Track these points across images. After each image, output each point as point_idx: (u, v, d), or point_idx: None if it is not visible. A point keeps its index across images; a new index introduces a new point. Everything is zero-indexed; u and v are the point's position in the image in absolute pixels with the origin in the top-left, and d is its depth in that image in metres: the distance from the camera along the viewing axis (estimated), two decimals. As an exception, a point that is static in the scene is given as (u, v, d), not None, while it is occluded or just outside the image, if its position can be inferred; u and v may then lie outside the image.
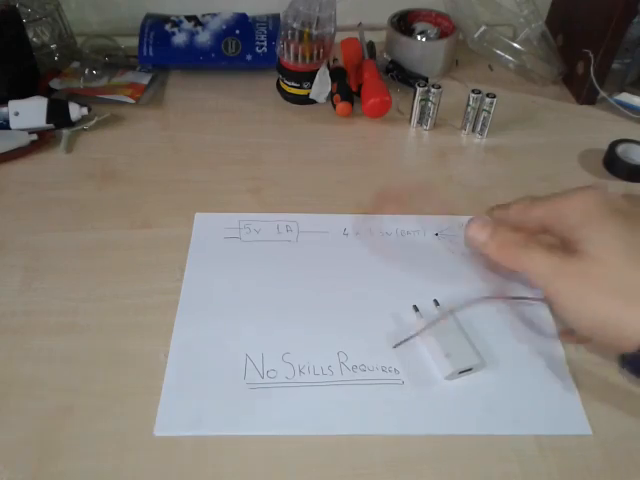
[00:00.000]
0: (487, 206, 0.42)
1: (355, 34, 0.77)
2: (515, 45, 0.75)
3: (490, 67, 0.82)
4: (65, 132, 0.66)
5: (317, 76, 0.71)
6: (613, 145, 0.66)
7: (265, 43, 0.76)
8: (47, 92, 0.70)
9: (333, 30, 0.69)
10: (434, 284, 0.52)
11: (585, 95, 0.75)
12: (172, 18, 0.77)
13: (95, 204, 0.59)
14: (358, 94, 0.72)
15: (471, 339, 0.46)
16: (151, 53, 0.75)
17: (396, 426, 0.42)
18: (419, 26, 0.79)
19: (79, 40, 0.79)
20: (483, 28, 0.74)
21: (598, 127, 0.72)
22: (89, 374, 0.45)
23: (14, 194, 0.60)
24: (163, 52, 0.75)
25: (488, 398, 0.44)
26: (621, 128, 0.71)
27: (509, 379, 0.45)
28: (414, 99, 0.68)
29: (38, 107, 0.65)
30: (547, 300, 0.39)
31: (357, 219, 0.58)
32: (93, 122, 0.67)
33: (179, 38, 0.75)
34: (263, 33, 0.76)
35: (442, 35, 0.78)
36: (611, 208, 0.37)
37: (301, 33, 0.68)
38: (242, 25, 0.76)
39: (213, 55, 0.75)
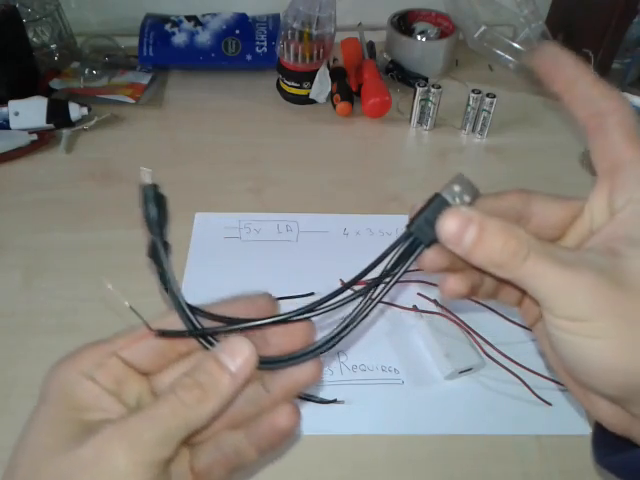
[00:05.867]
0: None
1: (355, 34, 0.77)
2: (515, 45, 0.75)
3: (490, 67, 0.82)
4: (65, 132, 0.66)
5: (317, 76, 0.71)
6: (613, 145, 0.66)
7: (265, 43, 0.76)
8: (47, 92, 0.70)
9: (333, 30, 0.69)
10: (434, 284, 0.52)
11: (585, 95, 0.74)
12: (172, 18, 0.77)
13: (95, 204, 0.59)
14: (358, 94, 0.72)
15: (470, 339, 0.46)
16: (151, 53, 0.75)
17: (396, 426, 0.42)
18: (419, 26, 0.79)
19: (79, 40, 0.79)
20: (483, 28, 0.74)
21: (598, 127, 0.72)
22: (89, 374, 0.45)
23: (14, 194, 0.60)
24: (163, 52, 0.75)
25: (488, 398, 0.44)
26: (621, 128, 0.71)
27: (509, 379, 0.45)
28: (414, 99, 0.68)
29: (38, 107, 0.65)
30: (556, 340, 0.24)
31: (357, 219, 0.58)
32: (93, 122, 0.67)
33: (179, 38, 0.75)
34: (263, 33, 0.76)
35: (442, 35, 0.78)
36: None
37: (301, 33, 0.68)
38: (242, 25, 0.76)
39: (213, 55, 0.75)
